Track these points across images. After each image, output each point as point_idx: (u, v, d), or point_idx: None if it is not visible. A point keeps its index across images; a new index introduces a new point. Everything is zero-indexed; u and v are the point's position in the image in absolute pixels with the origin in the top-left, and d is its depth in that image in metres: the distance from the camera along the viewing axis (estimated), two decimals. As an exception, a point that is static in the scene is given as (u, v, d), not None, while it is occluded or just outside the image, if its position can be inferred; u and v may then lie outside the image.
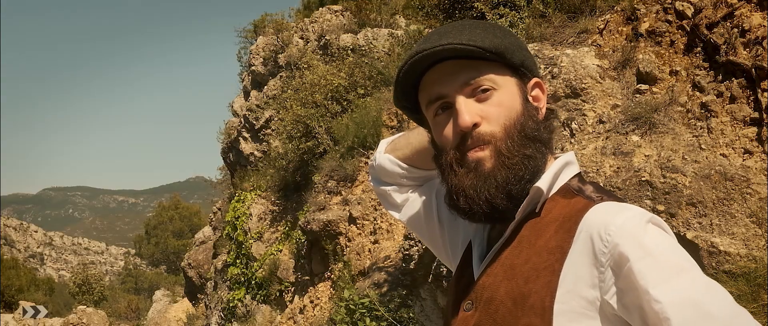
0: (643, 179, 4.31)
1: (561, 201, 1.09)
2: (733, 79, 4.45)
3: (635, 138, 4.59)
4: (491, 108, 1.09)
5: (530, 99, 1.12)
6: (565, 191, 1.10)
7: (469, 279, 1.16)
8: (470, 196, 1.08)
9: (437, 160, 1.16)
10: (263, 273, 10.80)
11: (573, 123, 4.99)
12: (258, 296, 10.97)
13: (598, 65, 5.22)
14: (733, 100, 4.40)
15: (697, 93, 4.64)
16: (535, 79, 1.14)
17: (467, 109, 1.08)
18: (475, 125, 1.08)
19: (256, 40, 15.04)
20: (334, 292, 8.38)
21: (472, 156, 1.08)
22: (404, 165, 1.37)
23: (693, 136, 4.45)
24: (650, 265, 0.93)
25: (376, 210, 8.22)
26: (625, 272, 0.95)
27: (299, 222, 9.49)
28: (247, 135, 13.96)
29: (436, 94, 1.12)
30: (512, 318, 1.02)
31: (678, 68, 4.87)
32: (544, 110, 1.13)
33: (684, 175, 4.20)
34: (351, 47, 11.75)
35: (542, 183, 1.08)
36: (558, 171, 1.12)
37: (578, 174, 1.14)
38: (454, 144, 1.10)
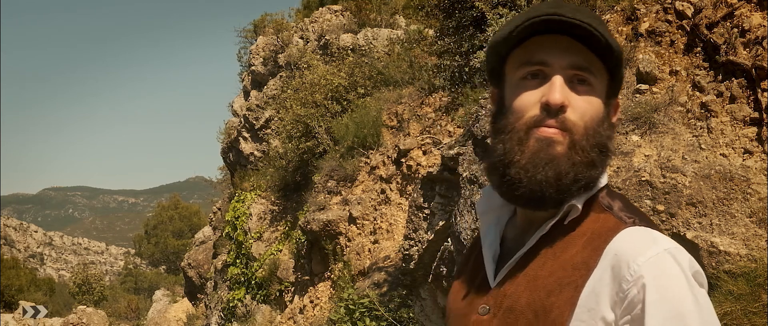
0: (643, 179, 4.31)
1: (591, 215, 1.08)
2: (733, 79, 4.45)
3: (635, 138, 4.59)
4: (581, 102, 1.06)
5: (609, 113, 1.12)
6: (595, 204, 1.09)
7: (483, 281, 1.14)
8: (524, 169, 1.05)
9: (498, 120, 1.12)
10: (263, 273, 10.80)
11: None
12: (258, 296, 10.97)
13: (598, 65, 5.21)
14: (733, 100, 4.41)
15: (697, 93, 4.64)
16: (618, 99, 1.15)
17: (562, 89, 1.05)
18: (563, 107, 1.04)
19: (256, 40, 15.05)
20: (334, 292, 8.38)
21: (546, 133, 1.04)
22: None
23: (693, 136, 4.45)
24: (660, 312, 0.95)
25: (376, 210, 8.22)
26: (640, 308, 0.97)
27: (299, 222, 9.49)
28: (247, 135, 13.96)
29: (540, 59, 1.07)
30: None
31: (678, 68, 4.87)
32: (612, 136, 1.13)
33: (684, 175, 4.20)
34: (351, 47, 11.75)
35: (580, 202, 1.07)
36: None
37: (606, 187, 1.12)
38: (531, 113, 1.06)
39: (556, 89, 1.04)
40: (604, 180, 1.11)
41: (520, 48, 1.10)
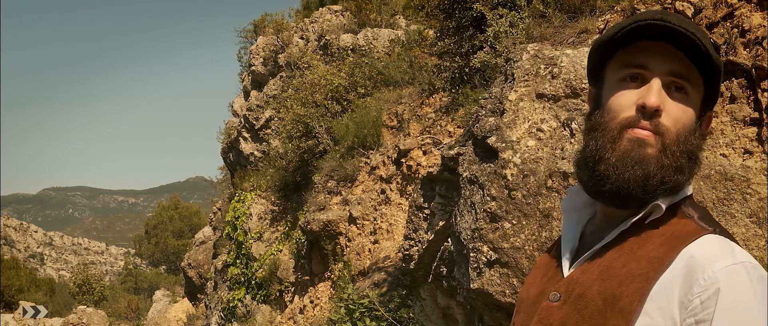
0: (643, 179, 4.31)
1: (672, 219, 1.10)
2: (733, 79, 4.46)
3: (635, 138, 4.60)
4: (676, 108, 1.09)
5: (702, 124, 1.14)
6: (677, 210, 1.12)
7: (557, 272, 1.18)
8: (614, 166, 1.08)
9: (592, 118, 1.17)
10: (263, 273, 10.81)
11: (573, 123, 4.99)
12: (258, 296, 10.97)
13: (598, 65, 5.22)
14: (733, 100, 4.41)
15: (697, 93, 4.65)
16: (712, 112, 1.16)
17: (659, 93, 1.09)
18: (658, 111, 1.08)
19: (256, 40, 15.05)
20: (334, 292, 8.38)
21: (639, 134, 1.08)
22: None
23: (693, 136, 4.45)
24: (729, 321, 0.98)
25: (376, 210, 8.22)
26: (708, 313, 0.99)
27: (299, 222, 9.50)
28: (247, 135, 13.97)
29: (641, 62, 1.11)
30: (601, 318, 1.05)
31: (678, 68, 4.88)
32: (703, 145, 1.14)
33: (684, 175, 4.20)
34: (351, 47, 11.76)
35: (664, 203, 1.10)
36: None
37: (690, 197, 1.14)
38: (627, 114, 1.10)
39: (653, 93, 1.08)
40: (689, 190, 1.14)
41: (623, 50, 1.14)
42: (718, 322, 0.97)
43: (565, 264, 1.17)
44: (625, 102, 1.11)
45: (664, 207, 1.09)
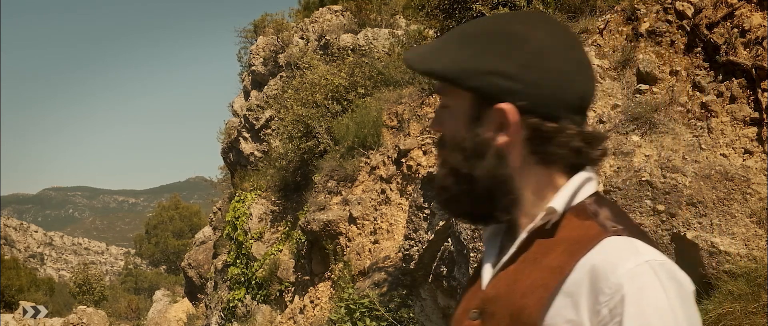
0: (643, 179, 4.31)
1: (574, 221, 1.06)
2: (733, 79, 4.46)
3: (635, 138, 4.59)
4: (446, 121, 1.11)
5: (483, 126, 1.07)
6: (580, 211, 1.07)
7: (478, 286, 1.15)
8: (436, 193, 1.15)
9: None
10: (263, 273, 10.81)
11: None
12: (258, 296, 10.98)
13: (598, 65, 5.22)
14: (733, 100, 4.41)
15: (697, 93, 4.65)
16: (498, 106, 1.04)
17: (436, 116, 1.13)
18: (440, 131, 1.12)
19: (256, 40, 15.05)
20: (334, 292, 8.38)
21: (437, 159, 1.13)
22: None
23: (693, 136, 4.45)
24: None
25: (376, 210, 8.22)
26: (617, 322, 0.95)
27: (299, 222, 9.50)
28: (247, 135, 13.96)
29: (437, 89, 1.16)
30: None
31: (678, 68, 4.87)
32: (505, 139, 1.06)
33: (684, 175, 4.20)
34: (351, 47, 11.76)
35: (557, 202, 1.05)
36: (576, 188, 1.07)
37: (596, 194, 1.10)
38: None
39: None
40: (591, 187, 1.08)
41: None
42: None
43: (485, 277, 1.13)
44: None
45: (559, 209, 1.04)
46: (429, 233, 5.70)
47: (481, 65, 1.05)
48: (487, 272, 1.14)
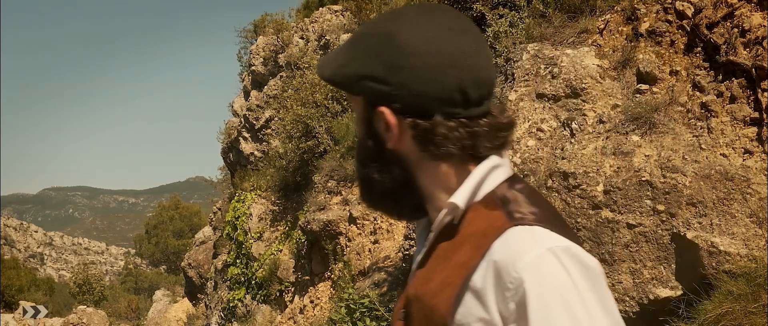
0: (643, 179, 4.31)
1: (483, 212, 1.03)
2: (733, 79, 4.45)
3: (635, 138, 4.59)
4: (356, 124, 1.14)
5: (376, 127, 1.07)
6: (489, 201, 1.04)
7: (406, 286, 1.15)
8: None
9: None
10: (263, 273, 10.81)
11: (573, 123, 4.99)
12: (258, 296, 10.98)
13: (598, 65, 5.22)
14: (733, 100, 4.41)
15: (697, 93, 4.65)
16: (378, 110, 1.04)
17: (355, 115, 1.15)
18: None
19: (256, 40, 15.05)
20: (334, 292, 8.38)
21: None
22: None
23: (693, 136, 4.45)
24: (543, 319, 0.91)
25: (376, 210, 8.23)
26: (522, 316, 0.93)
27: (299, 222, 9.50)
28: (247, 135, 13.96)
29: None
30: None
31: (678, 68, 4.87)
32: (392, 141, 1.05)
33: (684, 175, 4.20)
34: (351, 47, 11.74)
35: (458, 197, 1.03)
36: (480, 179, 1.04)
37: (510, 178, 1.06)
38: None
39: None
40: (500, 174, 1.06)
41: None
42: (534, 323, 0.91)
43: (411, 277, 1.12)
44: None
45: (461, 205, 1.03)
46: (429, 233, 5.71)
47: (358, 69, 1.05)
48: (414, 269, 1.14)
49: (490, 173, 1.05)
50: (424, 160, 1.06)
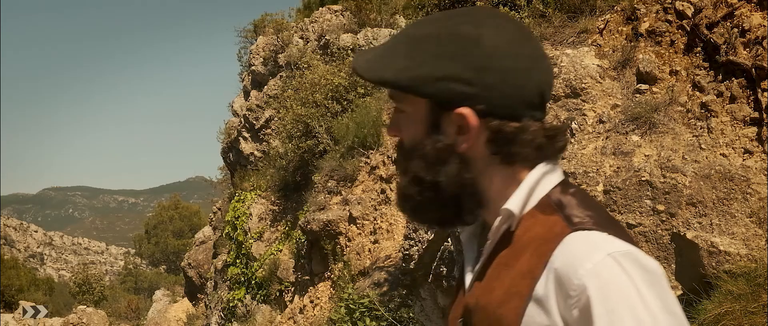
0: (643, 179, 4.31)
1: (540, 218, 1.03)
2: (733, 78, 4.45)
3: (635, 138, 4.59)
4: (403, 127, 1.09)
5: (443, 132, 1.05)
6: (545, 206, 1.04)
7: (463, 292, 1.14)
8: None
9: None
10: (263, 273, 10.81)
11: (573, 123, 4.99)
12: (258, 296, 10.97)
13: (598, 65, 5.22)
14: (733, 99, 4.41)
15: (697, 93, 4.65)
16: (457, 112, 1.02)
17: (392, 120, 1.10)
18: (399, 137, 1.10)
19: (256, 40, 15.05)
20: (334, 292, 8.38)
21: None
22: None
23: (693, 136, 4.45)
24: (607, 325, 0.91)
25: (376, 210, 8.22)
26: (587, 321, 0.93)
27: (299, 222, 9.50)
28: (247, 135, 13.96)
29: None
30: None
31: (678, 68, 4.87)
32: (466, 143, 1.04)
33: (684, 175, 4.20)
34: (351, 47, 11.75)
35: (512, 203, 1.03)
36: (533, 185, 1.05)
37: (562, 182, 1.07)
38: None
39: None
40: (553, 178, 1.06)
41: None
42: None
43: (467, 284, 1.11)
44: None
45: (515, 211, 1.03)
46: (429, 233, 5.70)
47: (435, 71, 1.02)
48: (468, 278, 1.13)
49: (543, 177, 1.06)
50: (491, 164, 1.05)
